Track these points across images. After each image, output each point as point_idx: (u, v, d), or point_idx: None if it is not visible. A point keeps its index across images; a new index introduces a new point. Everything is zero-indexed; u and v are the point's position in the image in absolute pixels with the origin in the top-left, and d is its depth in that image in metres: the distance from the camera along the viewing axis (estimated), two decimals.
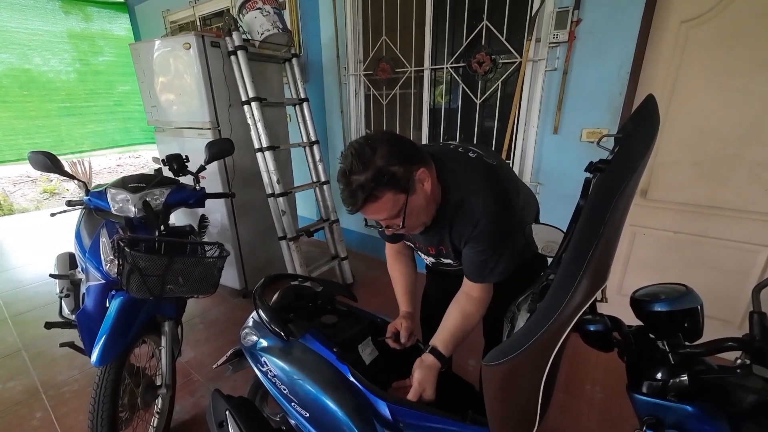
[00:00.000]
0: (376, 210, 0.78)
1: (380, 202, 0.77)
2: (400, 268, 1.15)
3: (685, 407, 0.55)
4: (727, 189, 1.71)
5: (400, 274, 1.14)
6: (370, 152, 0.74)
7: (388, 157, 0.74)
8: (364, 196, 0.75)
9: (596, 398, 1.68)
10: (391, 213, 0.79)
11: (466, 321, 0.92)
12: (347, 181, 0.75)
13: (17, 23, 3.95)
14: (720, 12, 1.56)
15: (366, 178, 0.74)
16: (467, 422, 0.79)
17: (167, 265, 1.21)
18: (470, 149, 0.92)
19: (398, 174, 0.75)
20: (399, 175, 0.75)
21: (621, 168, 0.54)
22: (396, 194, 0.77)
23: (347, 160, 0.75)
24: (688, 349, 0.57)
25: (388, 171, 0.74)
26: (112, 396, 1.18)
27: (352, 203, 0.77)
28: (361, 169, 0.74)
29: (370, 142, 0.76)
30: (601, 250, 0.47)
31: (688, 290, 0.60)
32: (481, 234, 0.84)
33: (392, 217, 0.80)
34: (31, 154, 1.40)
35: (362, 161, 0.74)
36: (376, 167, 0.74)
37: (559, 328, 0.49)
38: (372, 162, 0.74)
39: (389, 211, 0.79)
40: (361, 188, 0.74)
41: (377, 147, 0.75)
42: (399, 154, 0.76)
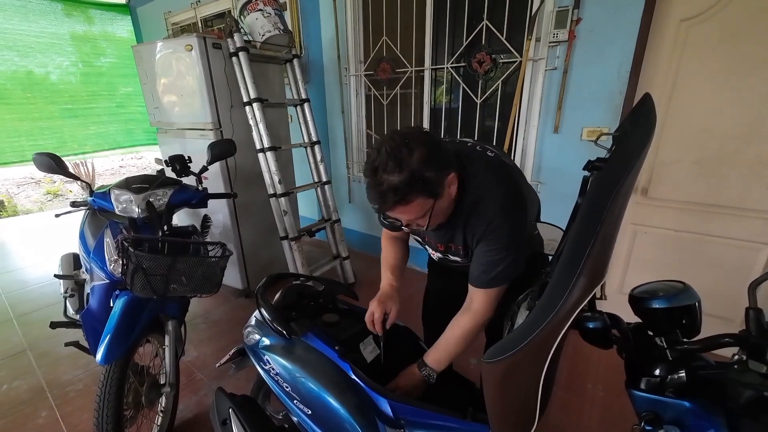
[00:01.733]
0: (403, 212, 0.77)
1: (410, 206, 0.75)
2: (395, 247, 1.15)
3: (682, 403, 0.56)
4: (728, 187, 1.71)
5: (393, 251, 1.14)
6: (407, 153, 0.71)
7: (425, 161, 0.71)
8: (395, 199, 0.73)
9: (597, 396, 1.68)
10: (417, 215, 0.78)
11: (465, 338, 0.92)
12: (378, 180, 0.72)
13: (20, 25, 3.98)
14: (720, 10, 1.56)
15: (400, 180, 0.70)
16: (468, 419, 0.80)
17: (171, 264, 1.23)
18: (487, 147, 0.91)
19: (432, 179, 0.73)
20: (432, 181, 0.73)
21: (618, 166, 0.55)
22: (426, 199, 0.75)
23: (381, 157, 0.71)
24: (686, 346, 0.58)
25: (422, 176, 0.71)
26: (117, 394, 1.19)
27: (381, 203, 0.74)
28: (396, 170, 0.70)
29: (407, 142, 0.72)
30: (598, 248, 0.47)
31: (686, 287, 0.61)
32: (494, 233, 0.83)
33: (417, 219, 0.79)
34: (35, 155, 1.42)
35: (397, 161, 0.70)
36: (412, 170, 0.70)
37: (557, 326, 0.50)
38: (408, 164, 0.70)
39: (416, 214, 0.77)
40: (393, 190, 0.71)
41: (414, 149, 0.71)
42: (435, 159, 0.73)
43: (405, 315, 1.20)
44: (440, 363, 0.93)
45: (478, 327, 0.93)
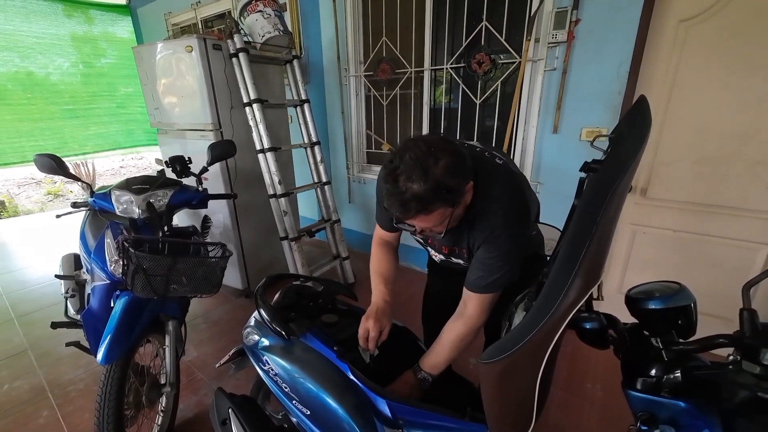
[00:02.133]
0: (423, 220, 0.76)
1: (431, 215, 0.75)
2: (388, 258, 1.12)
3: (678, 403, 0.56)
4: (727, 187, 1.71)
5: (386, 259, 1.11)
6: (432, 162, 0.70)
7: (450, 171, 0.71)
8: (418, 208, 0.72)
9: (596, 397, 1.68)
10: (435, 224, 0.78)
11: (460, 343, 0.93)
12: (401, 189, 0.71)
13: (20, 26, 3.98)
14: (719, 11, 1.57)
15: (425, 189, 0.70)
16: (466, 419, 0.81)
17: (171, 265, 1.23)
18: (495, 155, 0.91)
19: (455, 189, 0.73)
20: (455, 190, 0.73)
21: (613, 168, 0.55)
22: (447, 208, 0.76)
23: (405, 164, 0.70)
24: (682, 346, 0.58)
25: (446, 186, 0.71)
26: (117, 394, 1.20)
27: (403, 212, 0.73)
28: (422, 179, 0.69)
29: (433, 150, 0.71)
30: (593, 249, 0.48)
31: (682, 288, 0.61)
32: (496, 241, 0.84)
33: (435, 226, 0.79)
34: (36, 156, 1.43)
35: (423, 170, 0.69)
36: (437, 180, 0.70)
37: (553, 327, 0.50)
38: (433, 174, 0.69)
39: (435, 222, 0.77)
40: (417, 199, 0.70)
41: (440, 158, 0.71)
42: (459, 169, 0.73)
43: (405, 315, 1.20)
44: (435, 368, 0.94)
45: (472, 332, 0.93)
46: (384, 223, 1.07)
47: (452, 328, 0.94)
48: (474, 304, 0.91)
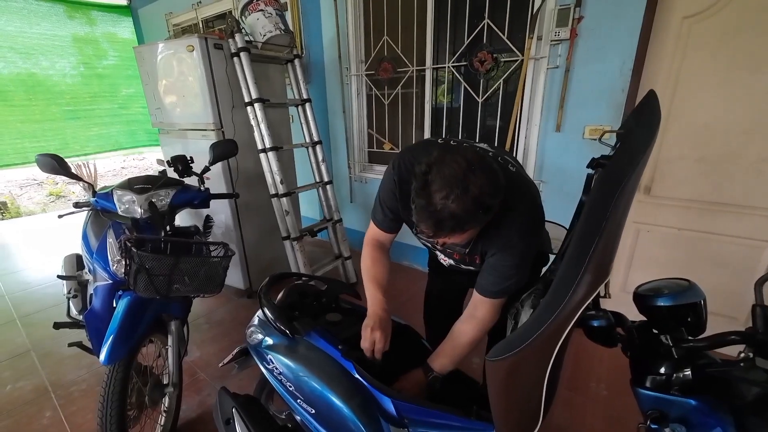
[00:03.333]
0: (455, 237, 0.73)
1: (465, 234, 0.72)
2: (383, 261, 1.07)
3: (688, 401, 0.55)
4: (732, 185, 1.70)
5: (381, 264, 1.05)
6: (472, 180, 0.66)
7: (488, 190, 0.67)
8: (453, 227, 0.69)
9: (601, 395, 1.67)
10: (465, 240, 0.77)
11: (470, 345, 0.93)
12: (437, 206, 0.67)
13: (22, 28, 3.99)
14: (723, 7, 1.56)
15: (463, 209, 0.66)
16: (472, 418, 0.80)
17: (173, 264, 1.23)
18: (508, 161, 0.88)
19: (492, 208, 0.70)
20: (491, 209, 0.70)
21: (622, 164, 0.54)
22: (479, 227, 0.74)
23: (441, 180, 0.66)
24: (692, 344, 0.58)
25: (484, 206, 0.68)
26: (120, 394, 1.20)
27: (436, 230, 0.70)
28: (461, 198, 0.65)
29: (473, 168, 0.67)
30: (602, 246, 0.47)
31: (691, 285, 0.61)
32: (511, 250, 0.84)
33: (462, 241, 0.77)
34: (38, 157, 1.42)
35: (463, 188, 0.65)
36: (475, 199, 0.66)
37: (561, 324, 0.50)
38: (473, 193, 0.66)
39: (466, 239, 0.75)
40: (454, 219, 0.67)
41: (479, 176, 0.67)
42: (496, 188, 0.69)
43: (406, 315, 1.20)
44: (445, 368, 0.94)
45: (482, 333, 0.94)
46: (385, 225, 1.03)
47: (463, 330, 0.94)
48: (485, 308, 0.92)
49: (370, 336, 0.92)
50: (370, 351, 0.92)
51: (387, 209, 0.99)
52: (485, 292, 0.90)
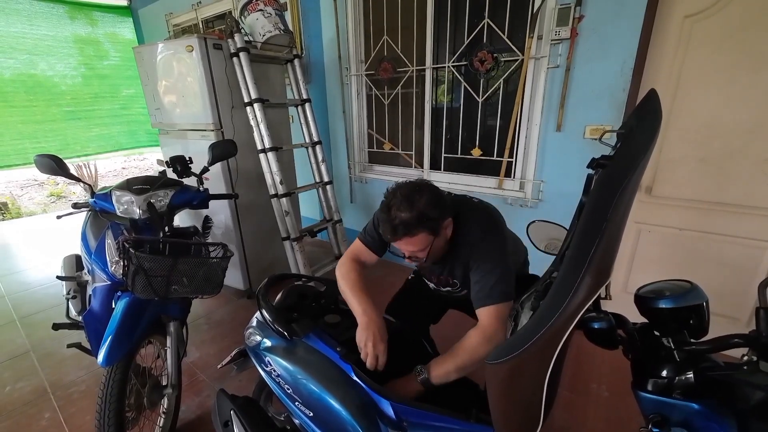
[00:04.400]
0: (409, 243, 0.92)
1: (414, 239, 0.91)
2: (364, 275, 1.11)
3: (691, 405, 0.55)
4: (734, 185, 1.69)
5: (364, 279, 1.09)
6: (417, 197, 0.90)
7: (429, 204, 0.90)
8: (404, 231, 0.90)
9: (602, 397, 1.66)
10: (419, 248, 0.94)
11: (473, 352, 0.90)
12: (391, 216, 0.90)
13: (23, 29, 4.00)
14: (724, 6, 1.55)
15: (410, 216, 0.88)
16: (471, 420, 0.79)
17: (172, 265, 1.22)
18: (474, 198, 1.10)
19: (434, 219, 0.91)
20: (434, 220, 0.91)
21: (623, 164, 0.54)
22: (427, 235, 0.92)
23: (396, 199, 0.91)
24: (694, 346, 0.57)
25: (426, 216, 0.89)
26: (118, 396, 1.19)
27: (392, 234, 0.91)
28: (407, 209, 0.89)
29: (417, 189, 0.92)
30: (603, 248, 0.46)
31: (693, 286, 0.60)
32: (479, 252, 0.97)
33: (419, 251, 0.95)
34: (37, 157, 1.42)
35: (409, 203, 0.89)
36: (419, 211, 0.89)
37: (562, 326, 0.49)
38: (416, 206, 0.89)
39: (419, 246, 0.93)
40: (402, 224, 0.89)
41: (423, 194, 0.91)
42: (438, 204, 0.92)
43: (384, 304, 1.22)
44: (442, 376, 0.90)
45: (487, 342, 0.90)
46: (374, 245, 1.13)
47: (468, 335, 0.93)
48: (486, 315, 0.93)
49: (372, 351, 0.90)
50: (374, 366, 0.90)
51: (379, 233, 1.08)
52: (479, 302, 0.95)
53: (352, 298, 1.02)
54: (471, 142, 2.45)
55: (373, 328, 0.93)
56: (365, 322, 0.95)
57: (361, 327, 0.95)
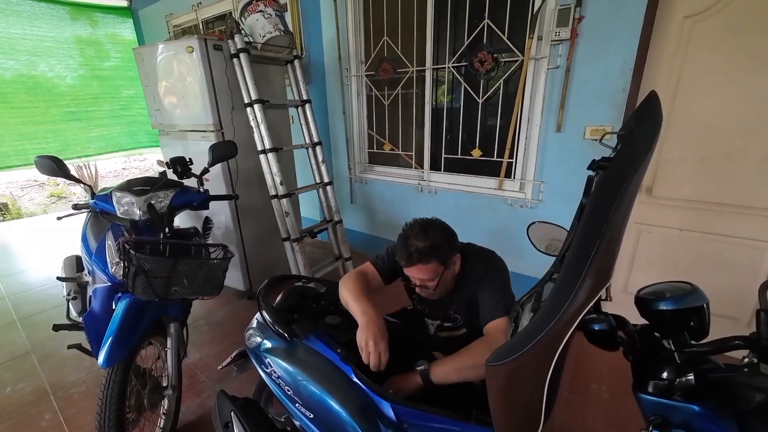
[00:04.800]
0: (421, 270, 1.00)
1: (427, 267, 0.99)
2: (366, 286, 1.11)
3: (691, 407, 0.54)
4: (734, 185, 1.69)
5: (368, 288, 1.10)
6: (432, 231, 1.00)
7: (442, 237, 1.00)
8: (418, 259, 0.98)
9: (602, 398, 1.66)
10: (430, 277, 1.01)
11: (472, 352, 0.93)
12: (407, 244, 0.99)
13: (24, 30, 4.00)
14: (724, 6, 1.55)
15: (424, 246, 0.97)
16: (472, 422, 0.79)
17: (172, 267, 1.22)
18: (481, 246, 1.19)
19: (444, 250, 1.00)
20: (445, 253, 1.00)
21: (623, 166, 0.54)
22: (438, 265, 1.00)
23: (413, 230, 1.01)
24: (695, 348, 0.57)
25: (439, 246, 0.98)
26: (118, 397, 1.19)
27: (408, 260, 0.99)
28: (423, 239, 0.98)
29: (432, 224, 1.03)
30: (604, 249, 0.46)
31: (694, 288, 0.59)
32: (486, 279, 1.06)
33: (429, 280, 1.01)
34: (37, 158, 1.42)
35: (424, 234, 0.99)
36: (433, 241, 0.98)
37: (562, 328, 0.49)
38: (431, 237, 0.99)
39: (430, 275, 1.00)
40: (417, 252, 0.98)
41: (437, 229, 1.02)
42: (449, 239, 1.02)
43: None
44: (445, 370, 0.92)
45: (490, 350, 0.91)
46: (384, 272, 1.16)
47: (471, 344, 0.95)
48: (491, 328, 0.97)
49: (374, 350, 0.90)
50: (376, 366, 0.90)
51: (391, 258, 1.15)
52: (489, 317, 0.99)
53: (352, 302, 1.02)
54: (471, 143, 2.45)
55: (373, 328, 0.93)
56: (365, 322, 0.94)
57: (361, 327, 0.95)
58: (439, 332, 1.23)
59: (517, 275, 2.25)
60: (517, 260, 2.34)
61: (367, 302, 1.01)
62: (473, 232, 2.54)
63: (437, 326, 1.23)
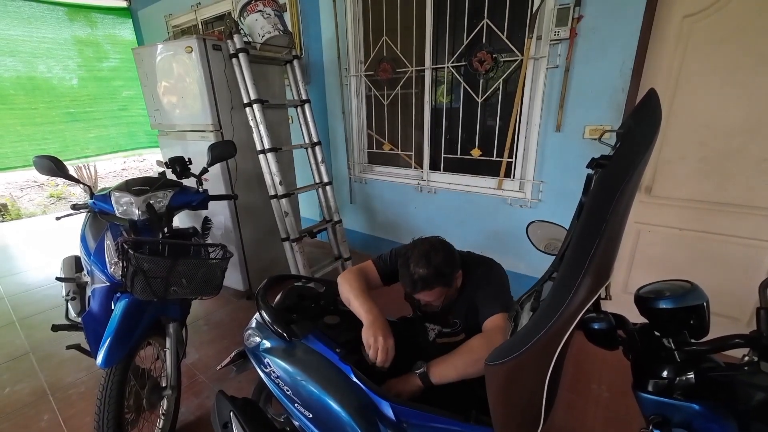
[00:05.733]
0: (426, 295, 1.01)
1: (432, 292, 1.01)
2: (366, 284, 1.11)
3: (691, 405, 0.54)
4: (733, 184, 1.69)
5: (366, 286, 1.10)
6: (433, 256, 0.99)
7: (444, 262, 1.00)
8: (422, 286, 0.99)
9: (602, 397, 1.66)
10: (435, 298, 1.03)
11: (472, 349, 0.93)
12: (411, 272, 0.99)
13: (23, 31, 4.00)
14: (724, 5, 1.55)
15: (427, 273, 0.98)
16: (471, 422, 0.79)
17: (171, 266, 1.22)
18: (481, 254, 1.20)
19: (447, 275, 1.00)
20: (447, 276, 1.01)
21: (623, 164, 0.53)
22: (442, 288, 1.01)
23: (414, 257, 1.00)
24: (695, 347, 0.57)
25: (442, 272, 0.99)
26: (117, 398, 1.19)
27: (413, 287, 1.00)
28: (425, 266, 0.98)
29: (433, 248, 1.02)
30: (603, 248, 0.46)
31: (694, 287, 0.59)
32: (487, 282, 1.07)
33: (434, 301, 1.05)
34: (36, 158, 1.42)
35: (426, 260, 0.98)
36: (435, 268, 0.98)
37: (562, 327, 0.49)
38: (433, 263, 0.98)
39: (434, 297, 1.03)
40: (421, 280, 0.98)
41: (438, 253, 1.00)
42: (451, 262, 1.02)
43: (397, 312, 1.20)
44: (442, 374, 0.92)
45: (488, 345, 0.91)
46: (384, 272, 1.16)
47: (470, 340, 0.96)
48: (489, 323, 0.98)
49: (383, 345, 0.89)
50: (384, 360, 0.90)
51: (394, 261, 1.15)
52: (484, 317, 1.01)
53: (354, 300, 1.02)
54: (470, 143, 2.45)
55: (379, 325, 0.93)
56: (371, 320, 0.95)
57: (367, 325, 0.94)
58: (438, 338, 1.23)
59: (516, 275, 2.27)
60: (516, 260, 2.34)
61: (371, 301, 1.01)
62: (473, 232, 2.54)
63: (437, 332, 1.23)
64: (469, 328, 1.14)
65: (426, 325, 1.24)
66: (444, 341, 1.21)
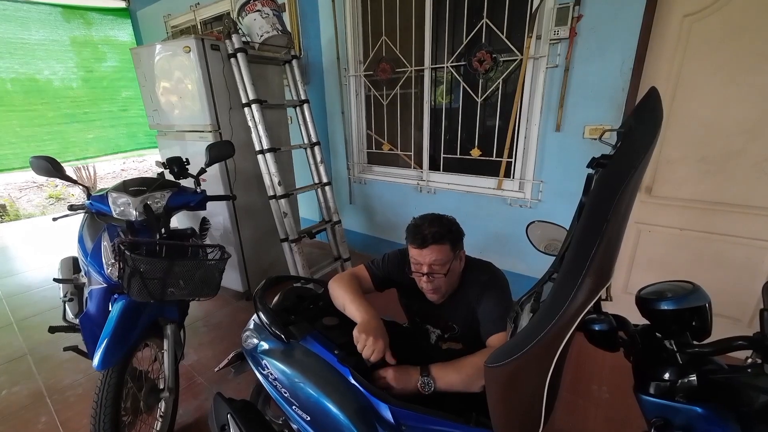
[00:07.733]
0: (434, 251, 1.02)
1: (440, 248, 1.02)
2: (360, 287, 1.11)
3: (694, 408, 0.54)
4: (734, 184, 1.68)
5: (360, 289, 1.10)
6: (444, 218, 1.08)
7: (453, 226, 1.08)
8: (432, 240, 1.02)
9: (603, 399, 1.65)
10: (442, 259, 1.02)
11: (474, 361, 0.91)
12: (421, 230, 1.03)
13: (21, 33, 3.99)
14: (724, 5, 1.54)
15: (438, 230, 1.03)
16: (471, 424, 0.78)
17: (168, 268, 1.21)
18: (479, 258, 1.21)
19: (457, 236, 1.06)
20: (457, 237, 1.06)
21: (623, 163, 0.53)
22: (450, 250, 1.03)
23: (426, 220, 1.06)
24: (697, 349, 0.56)
25: (451, 232, 1.05)
26: (114, 400, 1.18)
27: (423, 242, 1.02)
28: (436, 225, 1.04)
29: (442, 216, 1.09)
30: (604, 248, 0.45)
31: (695, 288, 0.59)
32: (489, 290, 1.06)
33: (441, 264, 1.03)
34: (33, 159, 1.41)
35: (438, 220, 1.06)
36: (446, 227, 1.05)
37: (562, 328, 0.48)
38: (443, 224, 1.05)
39: (442, 256, 1.02)
40: (432, 234, 1.02)
41: (448, 219, 1.09)
42: (457, 231, 1.08)
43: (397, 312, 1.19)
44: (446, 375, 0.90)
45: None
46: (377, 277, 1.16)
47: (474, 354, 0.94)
48: (494, 341, 0.97)
49: (372, 343, 0.87)
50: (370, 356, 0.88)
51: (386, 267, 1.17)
52: (487, 334, 0.99)
53: (349, 304, 1.01)
54: (470, 143, 2.45)
55: (373, 324, 0.92)
56: (366, 320, 0.94)
57: (359, 324, 0.93)
58: (440, 342, 1.22)
59: (516, 275, 2.26)
60: (516, 260, 2.33)
61: (366, 302, 1.00)
62: (473, 232, 2.52)
63: (438, 336, 1.22)
64: (466, 337, 1.13)
65: (427, 327, 1.24)
66: (447, 346, 1.20)
